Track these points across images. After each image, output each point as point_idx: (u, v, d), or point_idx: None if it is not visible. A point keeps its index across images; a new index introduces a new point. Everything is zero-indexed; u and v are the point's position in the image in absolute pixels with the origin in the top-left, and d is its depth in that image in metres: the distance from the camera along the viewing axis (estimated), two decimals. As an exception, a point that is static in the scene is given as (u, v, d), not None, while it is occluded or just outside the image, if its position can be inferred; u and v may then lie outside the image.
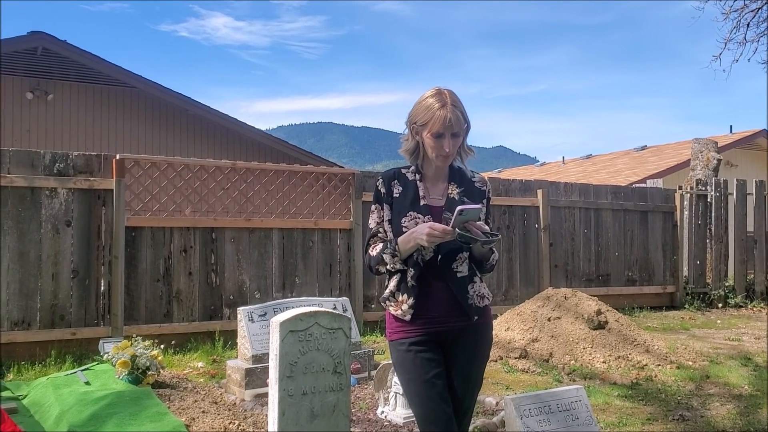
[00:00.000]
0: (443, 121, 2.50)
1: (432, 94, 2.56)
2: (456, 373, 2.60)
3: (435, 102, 2.53)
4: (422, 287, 2.57)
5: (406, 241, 2.52)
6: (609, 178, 19.13)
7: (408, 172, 2.69)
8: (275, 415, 2.84)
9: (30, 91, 12.27)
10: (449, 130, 2.52)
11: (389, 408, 4.63)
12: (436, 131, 2.52)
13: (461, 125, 2.55)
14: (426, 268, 2.57)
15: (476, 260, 2.63)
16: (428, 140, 2.56)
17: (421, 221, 2.55)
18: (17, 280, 6.47)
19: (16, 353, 6.32)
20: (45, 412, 4.53)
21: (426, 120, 2.54)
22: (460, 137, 2.58)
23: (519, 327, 6.95)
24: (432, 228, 2.42)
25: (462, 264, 2.60)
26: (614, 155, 24.63)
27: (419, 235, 2.45)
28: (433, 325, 2.57)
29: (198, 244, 7.42)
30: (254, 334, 5.56)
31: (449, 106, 2.51)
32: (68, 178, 6.72)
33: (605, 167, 22.19)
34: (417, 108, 2.59)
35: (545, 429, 3.72)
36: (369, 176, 8.59)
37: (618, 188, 11.29)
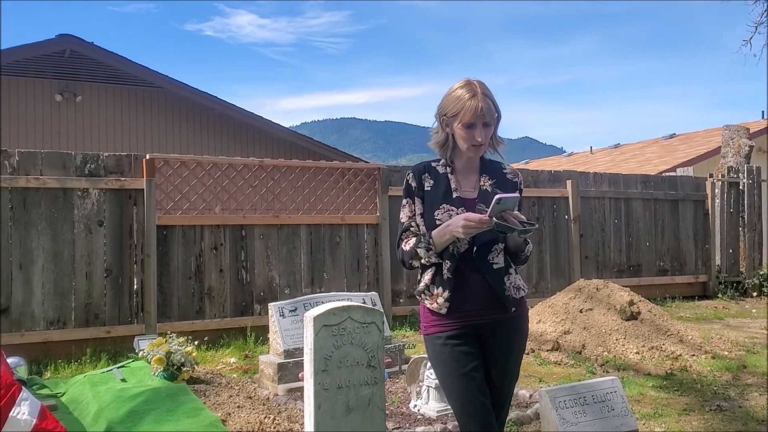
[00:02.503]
0: (474, 110, 2.48)
1: (462, 85, 2.54)
2: (493, 366, 2.58)
3: (465, 92, 2.51)
4: (458, 280, 2.55)
5: (441, 234, 2.50)
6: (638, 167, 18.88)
7: (438, 165, 2.67)
8: (311, 409, 2.85)
9: (59, 93, 12.46)
10: (480, 119, 2.50)
11: (422, 402, 4.63)
12: (467, 121, 2.50)
13: (492, 115, 2.53)
14: (461, 260, 2.55)
15: (511, 251, 2.61)
16: (459, 131, 2.54)
17: (455, 213, 2.53)
18: (52, 280, 6.58)
19: (53, 352, 6.44)
20: (83, 410, 4.61)
21: (456, 111, 2.52)
22: (491, 127, 2.56)
23: (551, 319, 6.90)
24: (468, 218, 2.40)
25: (498, 255, 2.58)
26: (643, 144, 24.30)
27: (455, 226, 2.43)
28: (469, 318, 2.55)
29: (228, 242, 7.48)
30: (285, 329, 5.59)
31: (480, 95, 2.49)
32: (99, 179, 6.82)
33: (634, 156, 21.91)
34: (447, 99, 2.57)
35: (581, 421, 3.70)
36: (395, 171, 8.58)
37: (648, 177, 11.15)
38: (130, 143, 12.72)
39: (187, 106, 13.61)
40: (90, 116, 12.77)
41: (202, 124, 13.77)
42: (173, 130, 13.44)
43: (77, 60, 12.45)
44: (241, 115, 14.09)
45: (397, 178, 8.44)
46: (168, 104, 13.49)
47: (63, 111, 12.52)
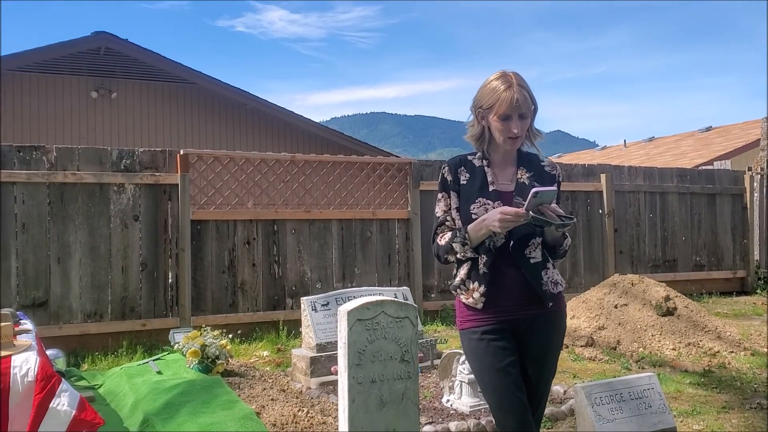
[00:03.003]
0: (510, 102, 2.44)
1: (497, 77, 2.51)
2: (530, 361, 2.55)
3: (500, 84, 2.48)
4: (494, 274, 2.52)
5: (477, 228, 2.47)
6: (673, 160, 18.57)
7: (474, 158, 2.64)
8: (345, 403, 2.85)
9: (95, 90, 12.65)
10: (516, 111, 2.47)
11: (455, 396, 4.62)
12: (502, 113, 2.47)
13: (528, 106, 2.49)
14: (498, 254, 2.52)
15: (549, 246, 2.57)
16: (495, 123, 2.51)
17: (491, 207, 2.50)
18: (89, 274, 6.70)
19: (90, 344, 6.56)
20: (120, 401, 4.69)
21: (492, 102, 2.48)
22: (527, 119, 2.52)
23: (585, 315, 6.82)
24: (504, 212, 2.37)
25: (535, 250, 2.54)
26: (678, 137, 23.90)
27: (491, 220, 2.41)
28: (506, 313, 2.53)
29: (260, 236, 7.54)
30: (318, 323, 5.61)
31: (515, 86, 2.46)
32: (135, 174, 6.91)
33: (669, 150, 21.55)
34: (482, 92, 2.54)
35: (617, 417, 3.65)
36: (426, 165, 8.55)
37: (684, 171, 10.94)
38: (164, 139, 12.87)
39: (219, 102, 13.73)
40: (125, 112, 12.95)
41: (234, 120, 13.88)
42: (206, 125, 13.57)
43: (112, 57, 12.64)
44: (272, 110, 14.17)
45: (429, 173, 8.41)
46: (201, 100, 13.62)
47: (99, 107, 12.72)
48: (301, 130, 14.37)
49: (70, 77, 12.53)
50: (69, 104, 12.50)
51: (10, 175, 6.43)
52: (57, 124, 12.33)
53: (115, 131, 12.74)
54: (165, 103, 13.32)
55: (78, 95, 12.61)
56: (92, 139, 12.24)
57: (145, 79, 13.11)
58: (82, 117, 12.57)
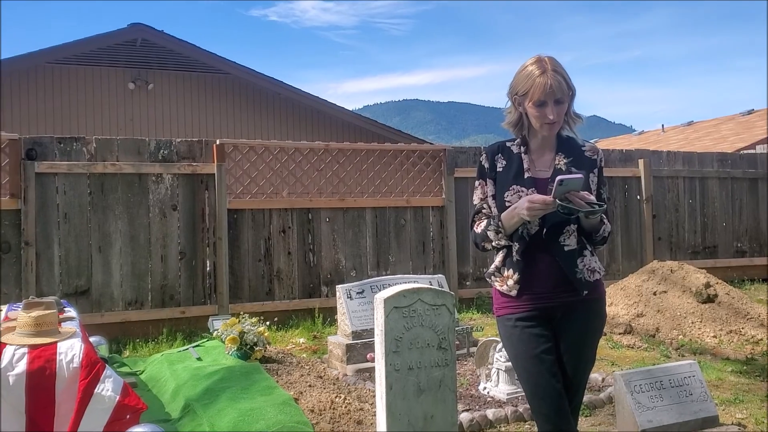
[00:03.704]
0: (544, 88, 2.42)
1: (532, 62, 2.49)
2: (566, 349, 2.53)
3: (535, 69, 2.45)
4: (528, 262, 2.51)
5: (509, 216, 2.47)
6: (713, 145, 18.17)
7: (513, 144, 2.62)
8: (383, 389, 2.88)
9: (132, 82, 12.82)
10: (551, 97, 2.44)
11: (491, 384, 4.61)
12: (537, 99, 2.45)
13: (564, 91, 2.46)
14: (531, 242, 2.50)
15: (586, 233, 2.55)
16: (531, 110, 2.49)
17: (525, 195, 2.48)
18: (129, 263, 6.84)
19: (131, 331, 6.70)
20: (161, 387, 4.79)
21: (527, 89, 2.46)
22: (564, 104, 2.49)
23: (623, 302, 6.74)
24: (532, 200, 2.37)
25: (570, 237, 2.51)
26: (718, 121, 23.36)
27: (520, 209, 2.40)
28: (540, 300, 2.51)
29: (295, 225, 7.59)
30: (353, 311, 5.65)
31: (550, 72, 2.43)
32: (172, 164, 7.01)
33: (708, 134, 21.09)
34: (517, 78, 2.52)
35: (657, 405, 3.61)
36: (461, 152, 8.50)
37: (724, 155, 10.69)
38: (199, 129, 13.01)
39: (253, 92, 13.82)
40: (161, 103, 13.11)
41: (268, 109, 13.96)
42: (241, 115, 13.68)
43: (148, 48, 12.78)
44: (305, 99, 14.22)
45: (463, 159, 8.36)
46: (235, 90, 13.72)
47: (136, 98, 12.90)
48: (334, 118, 14.40)
49: (108, 69, 12.72)
50: (107, 96, 12.70)
51: (52, 166, 6.58)
52: (95, 115, 12.54)
53: (152, 122, 12.92)
54: (200, 93, 13.46)
55: (116, 87, 12.80)
56: (130, 129, 12.43)
57: (180, 70, 13.25)
58: (120, 108, 12.76)
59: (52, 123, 11.87)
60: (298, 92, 14.31)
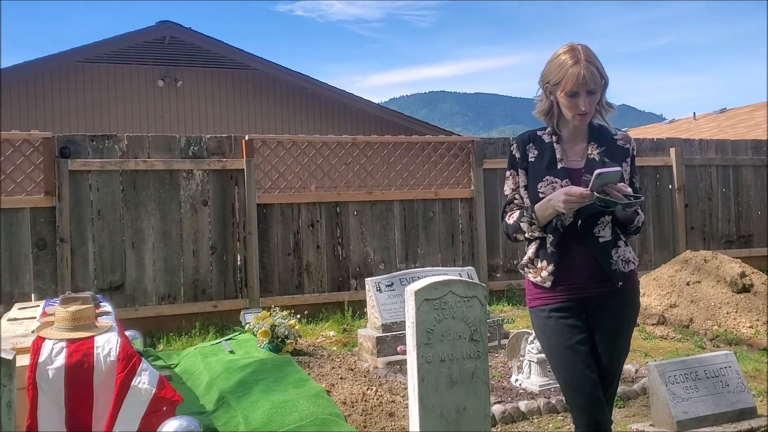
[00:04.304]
0: (577, 78, 2.39)
1: (564, 51, 2.45)
2: (600, 340, 2.52)
3: (568, 59, 2.42)
4: (562, 253, 2.49)
5: (544, 207, 2.45)
6: (747, 132, 17.80)
7: (544, 134, 2.59)
8: (415, 382, 2.88)
9: (161, 79, 12.97)
10: (584, 87, 2.41)
11: (523, 376, 4.59)
12: (569, 90, 2.42)
13: (597, 81, 2.43)
14: (566, 233, 2.49)
15: (620, 223, 2.52)
16: (563, 99, 2.46)
17: (559, 186, 2.46)
18: (162, 258, 6.93)
19: (164, 325, 6.80)
20: (196, 380, 4.85)
21: (559, 78, 2.43)
22: (596, 94, 2.46)
23: (655, 292, 6.66)
24: (569, 193, 2.34)
25: (604, 228, 2.49)
26: (752, 108, 22.86)
27: (556, 201, 2.38)
28: (574, 291, 2.50)
29: (324, 219, 7.63)
30: (382, 303, 5.67)
31: (583, 62, 2.40)
32: (202, 160, 7.09)
33: (742, 121, 20.67)
34: (549, 66, 2.49)
35: (692, 396, 3.57)
36: (489, 143, 8.45)
37: (759, 143, 10.47)
38: (228, 125, 13.12)
39: (280, 87, 13.89)
40: (190, 100, 13.25)
41: (295, 104, 14.02)
42: (268, 110, 13.76)
43: (177, 46, 12.92)
44: (332, 93, 14.25)
45: (492, 151, 8.32)
46: (263, 85, 13.80)
47: (165, 95, 13.05)
48: (360, 111, 14.42)
49: (137, 67, 12.88)
50: (137, 93, 12.87)
51: (85, 164, 6.69)
52: (126, 112, 12.72)
53: (182, 118, 13.06)
54: (228, 89, 13.57)
55: (145, 84, 12.96)
56: (160, 126, 12.59)
57: (208, 67, 13.37)
58: (150, 105, 12.92)
59: (83, 121, 12.06)
60: (325, 86, 14.36)
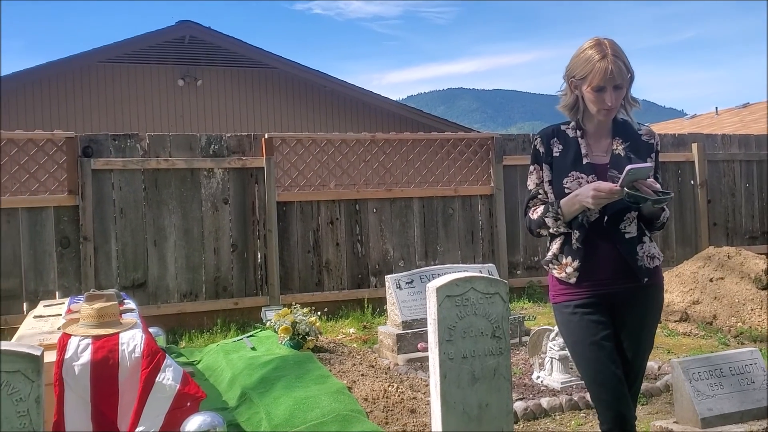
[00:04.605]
0: (604, 73, 2.37)
1: (591, 45, 2.43)
2: (625, 336, 2.51)
3: (594, 53, 2.40)
4: (588, 249, 2.48)
5: (570, 203, 2.43)
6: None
7: (568, 128, 2.57)
8: (437, 378, 2.89)
9: (181, 78, 13.07)
10: (611, 82, 2.39)
11: (545, 373, 4.58)
12: (596, 85, 2.40)
13: (624, 77, 2.41)
14: (591, 229, 2.47)
15: (645, 219, 2.51)
16: (588, 94, 2.45)
17: (585, 181, 2.45)
18: (183, 255, 6.99)
19: (186, 322, 6.86)
20: (218, 376, 4.90)
21: (585, 73, 2.42)
22: (623, 89, 2.44)
23: (678, 289, 6.60)
24: (598, 189, 2.32)
25: (630, 224, 2.48)
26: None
27: (584, 197, 2.36)
28: (600, 287, 2.49)
29: (343, 216, 7.65)
30: (403, 300, 5.67)
31: (610, 56, 2.38)
32: (223, 159, 7.14)
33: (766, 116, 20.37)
34: (575, 60, 2.47)
35: (717, 393, 3.54)
36: (509, 139, 8.42)
37: (783, 137, 10.32)
38: (248, 123, 13.19)
39: (299, 85, 13.94)
40: (210, 99, 13.33)
41: (314, 102, 14.06)
42: (287, 108, 13.81)
43: (196, 45, 13.00)
44: (350, 90, 14.28)
45: (512, 147, 8.28)
46: (282, 84, 13.86)
47: (185, 95, 13.14)
48: (379, 109, 14.42)
49: (158, 66, 12.99)
50: (157, 92, 12.98)
51: (107, 163, 6.76)
52: (147, 112, 12.84)
53: (202, 117, 13.15)
54: (248, 88, 13.64)
55: (165, 83, 13.07)
56: (180, 125, 12.68)
57: (228, 66, 13.44)
58: (170, 104, 13.03)
59: (105, 120, 12.19)
60: (343, 84, 14.38)
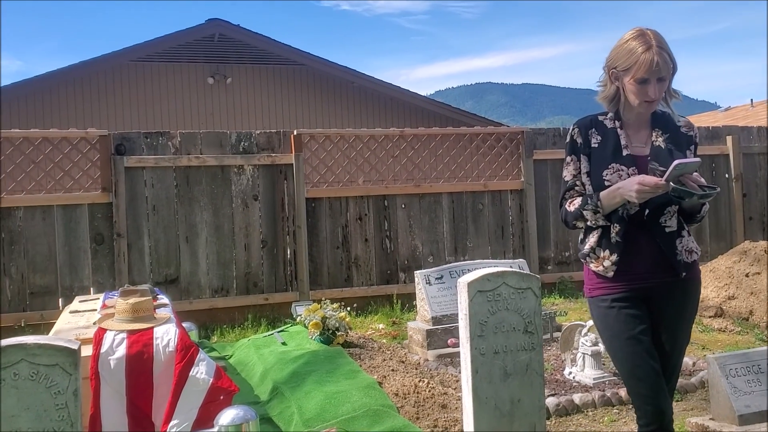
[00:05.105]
0: (649, 65, 2.32)
1: (634, 36, 2.39)
2: (663, 330, 2.48)
3: (638, 45, 2.35)
4: (627, 243, 2.44)
5: (611, 196, 2.39)
6: (807, 118, 17.14)
7: (606, 119, 2.53)
8: (468, 373, 2.88)
9: (211, 76, 13.19)
10: (655, 74, 2.35)
11: (577, 369, 4.54)
12: (640, 77, 2.35)
13: (668, 68, 2.36)
14: (631, 222, 2.43)
15: (686, 213, 2.46)
16: (630, 86, 2.40)
17: (625, 173, 2.41)
18: (215, 252, 7.07)
19: (218, 318, 6.93)
20: (250, 371, 4.94)
21: (629, 65, 2.37)
22: (666, 81, 2.39)
23: (712, 284, 6.49)
24: (642, 182, 2.27)
25: (671, 218, 2.44)
26: (812, 93, 22.00)
27: (627, 190, 2.32)
28: (637, 281, 2.45)
29: (372, 212, 7.65)
30: (432, 296, 5.66)
31: (655, 48, 2.33)
32: (253, 155, 7.19)
33: (802, 107, 19.90)
34: (617, 51, 2.42)
35: (755, 390, 3.47)
36: (539, 133, 8.34)
37: (821, 129, 10.07)
38: (276, 120, 13.27)
39: (327, 81, 13.97)
40: (239, 96, 13.43)
41: (342, 98, 14.09)
42: (316, 105, 13.86)
43: (226, 43, 13.11)
44: (378, 86, 14.27)
45: (542, 141, 8.21)
46: (310, 80, 13.91)
47: (215, 92, 13.26)
48: (407, 104, 14.40)
49: (188, 65, 13.12)
50: (188, 90, 13.11)
51: (140, 161, 6.85)
52: (177, 109, 12.98)
53: (231, 115, 13.26)
54: (276, 85, 13.71)
55: (195, 82, 13.20)
56: (210, 123, 12.80)
57: (257, 63, 13.53)
58: (201, 102, 13.16)
59: (137, 118, 12.36)
60: (371, 80, 14.38)
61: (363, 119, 13.82)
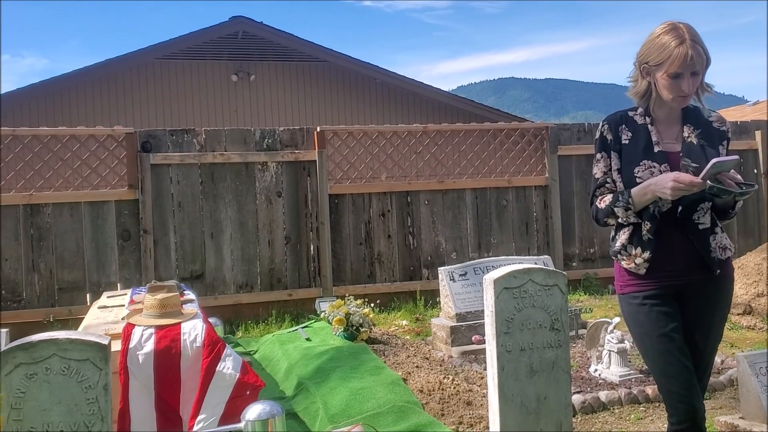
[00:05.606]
0: (683, 59, 2.29)
1: (666, 30, 2.35)
2: (696, 327, 2.45)
3: (671, 39, 2.31)
4: (660, 240, 2.41)
5: (642, 192, 2.36)
6: (839, 112, 16.80)
7: (636, 114, 2.50)
8: (494, 371, 2.87)
9: (234, 74, 13.26)
10: (689, 69, 2.31)
11: (603, 366, 4.50)
12: (674, 71, 2.32)
13: (702, 62, 2.33)
14: (663, 220, 2.40)
15: (719, 210, 2.42)
16: (663, 81, 2.36)
17: (657, 170, 2.37)
18: (239, 248, 7.12)
19: (243, 313, 6.99)
20: (275, 366, 4.98)
21: (661, 59, 2.33)
22: (699, 75, 2.36)
23: (741, 281, 6.39)
24: (678, 179, 2.24)
25: (704, 215, 2.40)
26: (843, 86, 21.56)
27: (661, 187, 2.28)
28: (669, 278, 2.42)
29: (395, 208, 7.66)
30: (456, 293, 5.65)
31: (688, 42, 2.29)
32: (276, 152, 7.22)
33: (833, 100, 19.51)
34: (649, 46, 2.38)
35: (786, 390, 3.41)
36: (564, 129, 8.28)
37: None
38: (299, 117, 13.31)
39: (350, 78, 13.98)
40: (263, 93, 13.49)
41: (365, 94, 14.08)
42: (339, 101, 13.88)
43: (249, 40, 13.17)
44: (401, 82, 14.24)
45: (567, 137, 8.15)
46: (333, 77, 13.92)
47: (239, 90, 13.33)
48: (429, 100, 14.36)
49: (212, 62, 13.20)
50: (212, 88, 13.20)
51: (165, 158, 6.92)
52: (201, 107, 13.07)
53: (255, 112, 13.32)
54: (299, 82, 13.74)
55: (219, 79, 13.27)
56: (234, 120, 12.88)
57: (280, 60, 13.57)
58: (224, 99, 13.23)
59: (162, 116, 12.47)
60: (394, 75, 14.36)
61: (385, 115, 13.80)
